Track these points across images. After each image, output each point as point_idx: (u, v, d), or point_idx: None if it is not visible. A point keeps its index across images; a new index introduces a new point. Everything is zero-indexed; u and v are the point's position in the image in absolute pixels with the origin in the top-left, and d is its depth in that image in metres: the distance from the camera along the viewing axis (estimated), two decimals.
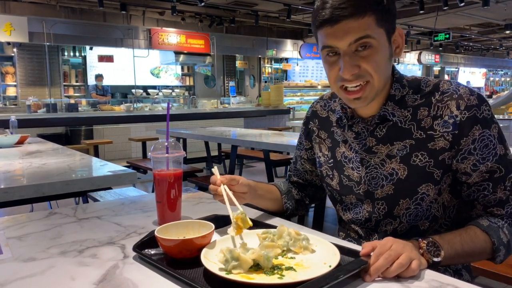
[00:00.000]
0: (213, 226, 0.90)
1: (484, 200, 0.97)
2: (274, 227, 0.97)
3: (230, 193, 1.03)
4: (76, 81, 9.49)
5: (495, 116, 0.99)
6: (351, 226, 1.13)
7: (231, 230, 0.92)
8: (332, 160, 1.13)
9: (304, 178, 1.29)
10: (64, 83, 9.17)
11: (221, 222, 1.05)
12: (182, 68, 11.11)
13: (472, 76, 18.42)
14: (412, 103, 0.99)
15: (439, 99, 0.97)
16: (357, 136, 1.05)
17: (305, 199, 1.29)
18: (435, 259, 0.84)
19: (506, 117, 6.42)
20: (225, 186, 1.04)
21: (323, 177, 1.18)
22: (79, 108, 7.50)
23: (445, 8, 7.82)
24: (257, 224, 1.05)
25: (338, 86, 0.96)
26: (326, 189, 1.20)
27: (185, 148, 5.22)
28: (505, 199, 0.95)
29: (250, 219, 0.95)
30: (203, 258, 0.79)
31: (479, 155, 0.94)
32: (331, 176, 1.14)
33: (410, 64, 15.32)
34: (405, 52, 14.56)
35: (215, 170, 1.09)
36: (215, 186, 1.05)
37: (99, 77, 8.88)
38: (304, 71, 12.88)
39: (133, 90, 9.19)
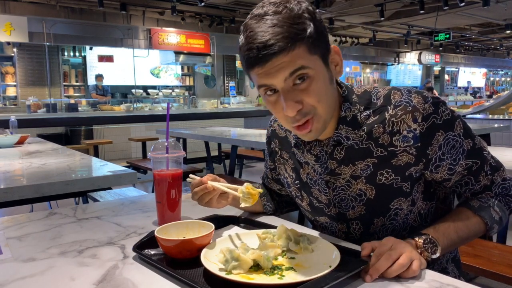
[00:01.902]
0: (213, 226, 0.90)
1: (471, 191, 0.98)
2: (274, 227, 0.97)
3: (220, 184, 1.02)
4: (76, 81, 9.48)
5: (497, 115, 0.99)
6: None
7: (243, 203, 0.93)
8: (298, 181, 1.08)
9: (276, 192, 1.27)
10: (64, 83, 9.17)
11: (221, 222, 1.05)
12: (182, 68, 11.11)
13: (472, 76, 18.41)
14: (365, 120, 0.94)
15: (393, 113, 0.91)
16: (317, 159, 0.99)
17: (282, 205, 1.27)
18: (433, 256, 0.84)
19: (506, 117, 6.41)
20: (212, 182, 1.03)
21: (293, 197, 1.15)
22: (79, 108, 7.50)
23: (445, 8, 7.82)
24: (257, 224, 1.05)
25: (290, 126, 0.90)
26: (299, 208, 1.16)
27: (185, 148, 5.22)
28: (490, 183, 0.97)
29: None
30: (203, 259, 0.79)
31: (450, 158, 0.92)
32: (300, 197, 1.10)
33: (411, 64, 15.32)
34: (405, 52, 14.56)
35: (192, 176, 1.08)
36: (202, 185, 1.02)
37: (99, 77, 8.87)
38: None
39: (133, 90, 9.19)
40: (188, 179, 1.09)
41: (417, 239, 0.86)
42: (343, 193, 0.99)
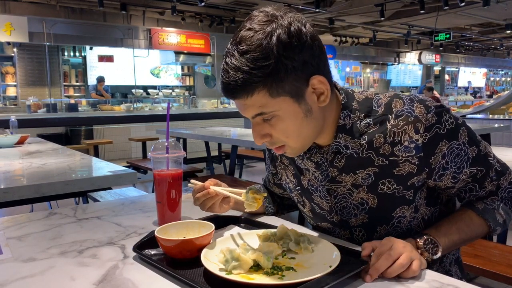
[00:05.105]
0: (213, 226, 0.90)
1: (475, 196, 0.97)
2: (275, 227, 0.97)
3: (222, 188, 1.03)
4: (76, 81, 9.48)
5: (497, 115, 0.98)
6: None
7: (248, 207, 0.93)
8: (299, 187, 1.07)
9: (278, 195, 1.26)
10: (64, 83, 9.16)
11: (221, 222, 1.05)
12: (182, 68, 11.10)
13: (472, 76, 18.40)
14: (365, 128, 0.91)
15: (394, 123, 0.89)
16: (318, 166, 0.97)
17: (284, 207, 1.27)
18: (434, 257, 0.84)
19: (507, 117, 6.41)
20: (214, 187, 1.03)
21: (295, 202, 1.14)
22: (79, 108, 7.50)
23: (446, 8, 7.81)
24: (257, 224, 1.05)
25: None
26: (302, 213, 1.15)
27: (185, 148, 5.21)
28: (495, 188, 0.96)
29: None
30: (203, 259, 0.79)
31: (454, 167, 0.90)
32: (302, 203, 1.09)
33: (411, 64, 15.31)
34: (405, 52, 14.55)
35: (194, 181, 1.08)
36: (204, 191, 1.02)
37: (101, 82, 8.71)
38: None
39: (133, 90, 9.18)
40: (189, 185, 1.09)
41: (417, 239, 0.86)
42: (344, 200, 0.98)
